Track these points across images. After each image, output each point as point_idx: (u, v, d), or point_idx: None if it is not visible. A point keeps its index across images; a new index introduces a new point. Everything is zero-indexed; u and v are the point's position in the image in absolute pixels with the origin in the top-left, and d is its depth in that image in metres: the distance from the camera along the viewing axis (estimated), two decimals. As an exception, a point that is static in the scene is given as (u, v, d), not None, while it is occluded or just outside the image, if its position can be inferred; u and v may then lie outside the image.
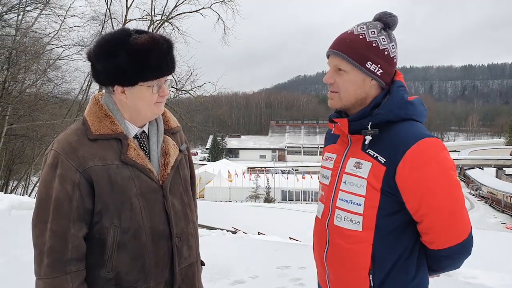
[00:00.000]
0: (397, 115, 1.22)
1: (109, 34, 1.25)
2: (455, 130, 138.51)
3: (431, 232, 1.21)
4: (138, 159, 1.27)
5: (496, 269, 5.88)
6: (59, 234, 1.18)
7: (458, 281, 4.42)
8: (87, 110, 1.31)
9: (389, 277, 1.23)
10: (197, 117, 18.93)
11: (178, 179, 1.39)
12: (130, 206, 1.25)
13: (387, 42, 1.26)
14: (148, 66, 1.23)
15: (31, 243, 1.24)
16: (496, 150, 72.25)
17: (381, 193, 1.21)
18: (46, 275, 1.18)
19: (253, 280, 4.07)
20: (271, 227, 13.24)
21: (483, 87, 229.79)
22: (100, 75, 1.27)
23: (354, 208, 1.24)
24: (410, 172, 1.16)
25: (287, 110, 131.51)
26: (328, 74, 1.30)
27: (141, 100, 1.28)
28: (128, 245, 1.24)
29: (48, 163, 1.22)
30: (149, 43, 1.22)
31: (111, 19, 15.95)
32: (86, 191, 1.21)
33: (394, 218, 1.23)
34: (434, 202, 1.17)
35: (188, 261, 1.39)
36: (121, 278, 1.25)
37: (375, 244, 1.23)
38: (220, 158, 74.00)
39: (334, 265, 1.31)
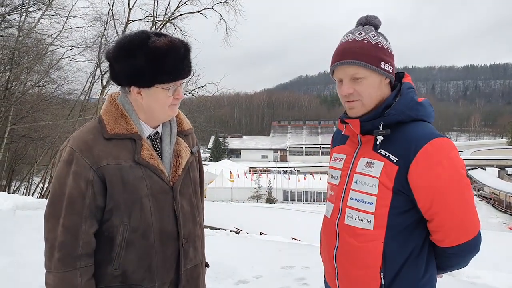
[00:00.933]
0: (408, 115, 1.25)
1: (129, 36, 1.27)
2: (457, 130, 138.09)
3: (441, 230, 1.23)
4: (151, 159, 1.29)
5: (499, 269, 5.89)
6: (71, 230, 1.20)
7: (461, 281, 4.42)
8: (103, 109, 1.32)
9: (399, 275, 1.25)
10: (199, 118, 18.97)
11: (188, 181, 1.40)
12: (141, 206, 1.26)
13: (385, 41, 1.31)
14: (165, 68, 1.24)
15: (36, 243, 1.25)
16: (499, 150, 72.08)
17: (393, 192, 1.22)
18: (56, 269, 1.20)
19: (257, 280, 4.08)
20: (273, 228, 13.24)
21: (485, 87, 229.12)
22: (118, 75, 1.29)
23: (365, 207, 1.26)
24: (423, 171, 1.18)
25: (289, 110, 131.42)
26: (345, 85, 1.29)
27: (156, 102, 1.29)
28: (136, 244, 1.26)
29: (63, 159, 1.24)
30: (167, 46, 1.23)
31: (113, 19, 16.02)
32: (98, 189, 1.23)
33: (405, 217, 1.25)
34: (446, 200, 1.19)
35: (193, 263, 1.40)
36: (128, 276, 1.26)
37: (386, 242, 1.24)
38: (222, 158, 74.00)
39: (344, 264, 1.32)
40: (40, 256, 3.87)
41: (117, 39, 1.29)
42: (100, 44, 15.97)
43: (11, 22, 13.44)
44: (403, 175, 1.21)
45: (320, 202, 43.37)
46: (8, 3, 12.83)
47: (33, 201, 7.95)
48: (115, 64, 1.27)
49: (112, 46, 1.29)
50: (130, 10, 16.22)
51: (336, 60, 1.30)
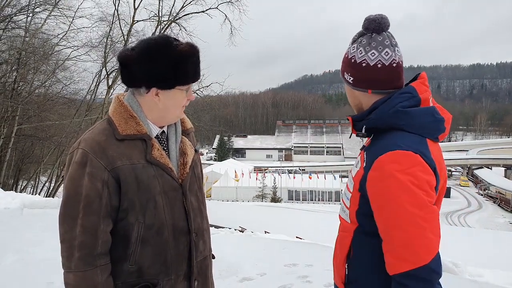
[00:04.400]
0: (386, 123, 1.21)
1: (154, 40, 1.32)
2: (463, 129, 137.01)
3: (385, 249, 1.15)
4: (161, 158, 1.34)
5: (503, 268, 5.86)
6: (90, 230, 1.24)
7: (464, 279, 4.42)
8: (112, 111, 1.36)
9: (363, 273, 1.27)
10: (204, 117, 19.02)
11: (193, 177, 1.46)
12: (154, 204, 1.31)
13: (355, 50, 1.28)
14: (187, 71, 1.32)
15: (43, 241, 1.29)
16: (505, 149, 71.41)
17: (360, 194, 1.24)
18: (77, 268, 1.23)
19: (261, 277, 4.12)
20: (277, 227, 13.25)
21: (492, 86, 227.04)
22: (137, 77, 1.31)
23: (346, 202, 1.34)
24: (373, 183, 1.16)
25: (293, 109, 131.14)
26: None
27: (175, 103, 1.36)
28: (151, 241, 1.31)
29: (76, 161, 1.27)
30: (189, 51, 1.31)
31: (119, 20, 16.07)
32: (113, 189, 1.27)
33: (369, 221, 1.21)
34: (389, 217, 1.12)
35: (203, 255, 1.47)
36: (144, 271, 1.31)
37: (354, 237, 1.29)
38: (227, 157, 74.13)
39: (335, 249, 1.42)
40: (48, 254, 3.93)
41: (141, 43, 1.32)
42: (106, 44, 16.08)
43: (17, 23, 13.56)
44: (364, 182, 1.20)
45: (325, 202, 43.29)
46: (14, 4, 12.96)
47: (40, 200, 8.05)
48: (136, 67, 1.29)
49: (130, 50, 1.32)
50: (135, 10, 16.28)
51: None
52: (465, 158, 64.31)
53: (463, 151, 74.68)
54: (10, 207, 7.05)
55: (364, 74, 1.27)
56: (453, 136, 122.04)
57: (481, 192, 50.92)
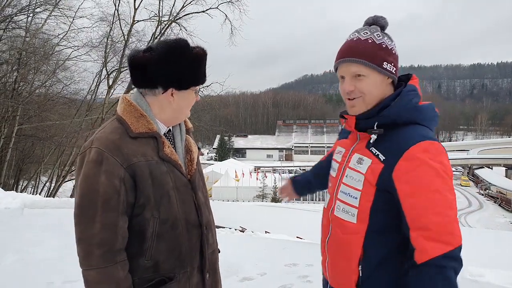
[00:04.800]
0: (403, 118, 1.26)
1: (173, 42, 1.36)
2: (464, 129, 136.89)
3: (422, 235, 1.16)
4: (172, 155, 1.39)
5: (504, 268, 5.84)
6: (110, 227, 1.26)
7: (464, 278, 4.41)
8: (122, 110, 1.38)
9: (378, 270, 1.27)
10: (204, 117, 19.04)
11: (199, 174, 1.52)
12: (168, 199, 1.36)
13: (390, 42, 1.33)
14: (201, 73, 1.41)
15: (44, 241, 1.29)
16: (506, 149, 71.29)
17: (376, 189, 1.25)
18: (98, 265, 1.24)
19: (262, 277, 4.12)
20: (278, 226, 13.23)
21: (493, 86, 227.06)
22: (155, 78, 1.36)
23: (351, 201, 1.31)
24: (406, 171, 1.19)
25: (294, 109, 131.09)
26: (347, 82, 1.32)
27: (187, 103, 1.44)
28: (166, 235, 1.35)
29: (91, 160, 1.28)
30: (203, 53, 1.40)
31: (119, 20, 16.12)
32: (129, 185, 1.30)
33: (386, 216, 1.25)
34: (424, 203, 1.16)
35: (212, 248, 1.52)
36: (159, 266, 1.34)
37: (366, 237, 1.28)
38: (227, 157, 74.06)
39: (332, 253, 1.39)
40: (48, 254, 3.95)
41: (157, 44, 1.36)
42: (106, 44, 16.10)
43: (18, 23, 13.58)
44: (387, 173, 1.22)
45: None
46: (15, 4, 12.98)
47: (41, 200, 8.05)
48: (155, 68, 1.33)
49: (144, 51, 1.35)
50: (135, 10, 16.31)
51: (340, 57, 1.33)
52: (465, 158, 64.23)
53: (464, 151, 74.60)
54: (11, 207, 7.05)
55: (397, 64, 1.34)
56: (453, 136, 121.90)
57: (482, 192, 50.84)
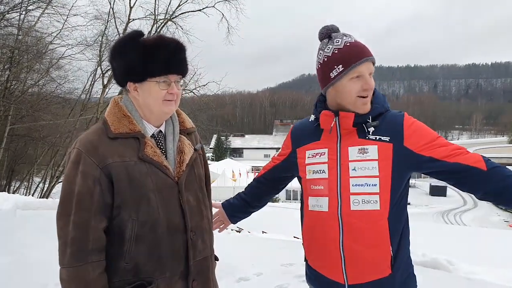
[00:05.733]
0: (385, 107, 1.47)
1: (122, 36, 1.37)
2: (459, 128, 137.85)
3: (468, 158, 1.35)
4: (155, 156, 1.35)
5: (497, 266, 5.85)
6: (81, 226, 1.26)
7: (458, 276, 4.43)
8: (107, 111, 1.40)
9: (400, 245, 1.41)
10: (201, 117, 18.95)
11: (193, 176, 1.47)
12: (147, 201, 1.32)
13: None
14: (155, 61, 1.31)
15: (37, 243, 1.30)
16: (500, 148, 72.00)
17: (392, 168, 1.38)
18: (69, 264, 1.25)
19: (258, 277, 4.10)
20: (275, 226, 13.20)
21: (487, 86, 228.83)
22: (116, 74, 1.38)
23: (370, 189, 1.37)
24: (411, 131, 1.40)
25: (291, 109, 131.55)
26: (370, 79, 1.43)
27: (150, 96, 1.36)
28: (145, 238, 1.32)
29: (71, 160, 1.31)
30: (156, 40, 1.33)
31: (114, 18, 15.96)
32: (106, 186, 1.29)
33: (401, 190, 1.42)
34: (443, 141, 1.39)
35: (202, 255, 1.45)
36: (140, 269, 1.32)
37: (390, 218, 1.37)
38: (224, 157, 73.97)
39: (355, 249, 1.38)
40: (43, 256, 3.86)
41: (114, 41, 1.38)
42: (101, 43, 15.94)
43: (10, 20, 13.41)
44: (399, 147, 1.38)
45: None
46: (7, 1, 12.82)
47: (33, 201, 7.95)
48: (113, 63, 1.36)
49: (110, 48, 1.38)
50: (131, 8, 16.17)
51: (362, 56, 1.41)
52: (461, 157, 64.64)
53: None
54: (3, 209, 6.94)
55: None
56: (449, 135, 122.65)
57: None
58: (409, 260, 1.47)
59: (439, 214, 33.81)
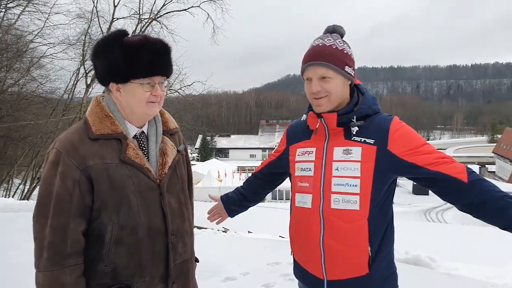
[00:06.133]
0: (373, 109, 1.49)
1: (107, 34, 1.34)
2: (441, 128, 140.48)
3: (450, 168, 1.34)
4: (137, 158, 1.32)
5: (477, 262, 6.02)
6: (59, 230, 1.22)
7: (440, 273, 4.53)
8: (89, 111, 1.35)
9: (381, 245, 1.43)
10: (186, 117, 18.81)
11: (175, 178, 1.44)
12: (128, 204, 1.29)
13: (349, 48, 1.50)
14: (139, 63, 1.28)
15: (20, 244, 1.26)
16: (480, 148, 73.82)
17: (374, 170, 1.39)
18: (45, 268, 1.22)
19: (244, 277, 4.10)
20: (261, 226, 13.22)
21: (467, 87, 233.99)
22: (99, 73, 1.34)
23: (351, 190, 1.40)
24: (396, 136, 1.41)
25: (277, 109, 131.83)
26: (314, 84, 1.46)
27: (133, 98, 1.32)
28: (125, 241, 1.29)
29: (50, 161, 1.27)
30: (141, 41, 1.28)
31: (98, 17, 15.69)
32: (86, 188, 1.25)
33: (383, 193, 1.43)
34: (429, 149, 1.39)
35: (183, 257, 1.43)
36: (118, 272, 1.29)
37: (370, 219, 1.39)
38: (210, 158, 73.63)
39: (334, 246, 1.41)
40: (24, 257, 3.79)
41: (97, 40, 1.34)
42: (84, 42, 15.65)
43: (-11, 18, 13.07)
44: (383, 150, 1.40)
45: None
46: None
47: (14, 203, 7.79)
48: (96, 63, 1.32)
49: (92, 46, 1.34)
50: (115, 7, 15.93)
51: (308, 60, 1.46)
52: (443, 157, 66.02)
53: (441, 150, 76.13)
54: (-17, 210, 6.79)
55: (354, 68, 1.51)
56: (431, 135, 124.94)
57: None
58: (391, 261, 1.48)
59: (422, 212, 34.41)
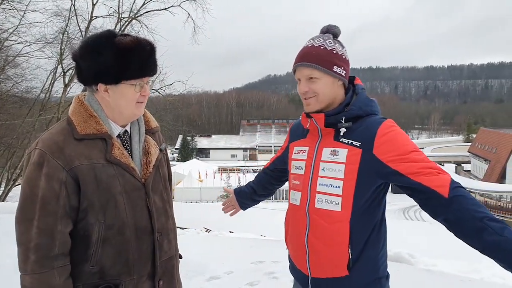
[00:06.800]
0: (365, 111, 1.46)
1: (95, 34, 1.30)
2: (419, 128, 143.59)
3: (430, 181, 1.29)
4: (122, 158, 1.32)
5: (455, 258, 6.23)
6: (46, 232, 1.21)
7: (419, 268, 4.67)
8: (72, 110, 1.33)
9: (364, 249, 1.42)
10: (166, 117, 18.62)
11: (158, 177, 1.45)
12: (115, 203, 1.29)
13: (341, 48, 1.49)
14: (132, 65, 1.28)
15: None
16: (456, 147, 75.93)
17: (358, 173, 1.39)
18: (33, 271, 1.20)
19: (228, 276, 4.12)
20: (242, 226, 13.24)
21: (444, 87, 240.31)
22: (84, 73, 1.31)
23: (333, 191, 1.40)
24: (383, 140, 1.38)
25: (257, 109, 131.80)
26: (302, 84, 1.48)
27: (123, 99, 1.32)
28: (112, 241, 1.29)
29: (33, 162, 1.24)
30: (133, 43, 1.28)
31: (76, 15, 15.34)
32: (72, 189, 1.24)
33: (368, 197, 1.41)
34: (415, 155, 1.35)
35: (168, 255, 1.45)
36: (105, 272, 1.28)
37: (352, 221, 1.39)
38: (190, 158, 73.04)
39: (316, 245, 1.44)
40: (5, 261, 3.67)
41: (83, 39, 1.32)
42: (62, 40, 15.26)
43: (-38, 15, 12.60)
44: (368, 154, 1.38)
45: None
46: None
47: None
48: (82, 63, 1.29)
49: (78, 45, 1.31)
50: (93, 6, 15.60)
51: (296, 62, 1.50)
52: (420, 156, 67.55)
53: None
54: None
55: (349, 68, 1.51)
56: (409, 135, 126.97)
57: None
58: (377, 267, 1.45)
59: (401, 210, 35.18)
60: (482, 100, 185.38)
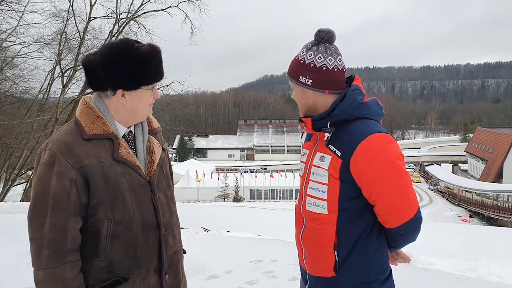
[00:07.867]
0: (351, 115, 1.43)
1: (115, 44, 1.38)
2: (416, 128, 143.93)
3: (383, 213, 1.43)
4: (128, 157, 1.39)
5: (451, 257, 6.32)
6: (59, 227, 1.27)
7: (416, 267, 4.73)
8: (79, 112, 1.41)
9: (352, 252, 1.45)
10: (164, 117, 18.67)
11: (162, 175, 1.53)
12: (123, 200, 1.36)
13: (313, 56, 1.47)
14: (150, 71, 1.38)
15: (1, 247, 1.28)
16: (452, 147, 76.20)
17: (340, 181, 1.42)
18: (46, 266, 1.26)
19: (228, 275, 4.17)
20: (240, 226, 13.28)
21: (441, 87, 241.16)
22: (103, 81, 1.37)
23: (320, 195, 1.47)
24: (361, 164, 1.37)
25: (255, 109, 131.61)
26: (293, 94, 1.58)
27: (141, 102, 1.42)
28: (120, 236, 1.36)
29: (44, 161, 1.31)
30: (151, 52, 1.37)
31: (74, 16, 15.35)
32: (82, 187, 1.31)
33: (354, 203, 1.44)
34: (383, 189, 1.38)
35: (173, 249, 1.53)
36: (114, 266, 1.35)
37: (338, 224, 1.45)
38: (188, 158, 73.12)
39: (308, 244, 1.53)
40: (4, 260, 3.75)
41: (102, 48, 1.37)
42: (60, 41, 15.28)
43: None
44: (346, 167, 1.40)
45: (286, 200, 43.97)
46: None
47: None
48: (101, 71, 1.35)
49: (97, 55, 1.36)
50: (91, 6, 15.62)
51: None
52: (417, 156, 67.89)
53: (416, 149, 78.81)
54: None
55: (323, 76, 1.47)
56: (406, 135, 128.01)
57: (431, 188, 53.80)
58: (367, 270, 1.45)
59: (398, 210, 35.21)
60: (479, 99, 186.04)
